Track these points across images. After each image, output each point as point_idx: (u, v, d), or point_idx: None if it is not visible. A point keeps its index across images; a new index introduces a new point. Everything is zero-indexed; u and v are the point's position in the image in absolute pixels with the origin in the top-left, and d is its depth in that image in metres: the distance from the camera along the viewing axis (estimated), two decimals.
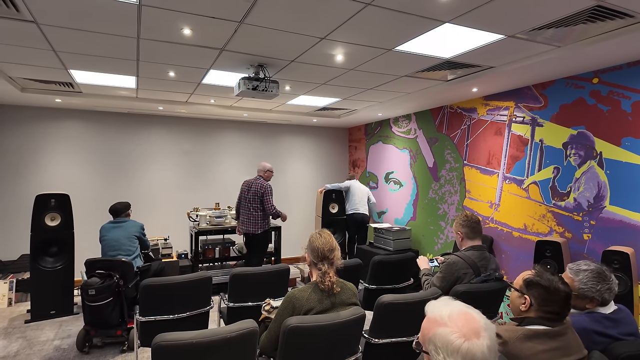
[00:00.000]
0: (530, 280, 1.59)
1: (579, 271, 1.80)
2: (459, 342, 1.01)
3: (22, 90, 4.39)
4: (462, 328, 1.03)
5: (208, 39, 2.86)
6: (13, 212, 5.16)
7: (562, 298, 1.52)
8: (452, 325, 1.04)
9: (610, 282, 1.76)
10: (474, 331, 1.02)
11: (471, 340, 1.01)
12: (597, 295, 1.73)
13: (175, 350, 1.64)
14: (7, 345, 3.58)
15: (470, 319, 1.06)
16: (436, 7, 2.32)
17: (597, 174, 3.51)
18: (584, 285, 1.75)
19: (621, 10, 2.37)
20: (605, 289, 1.73)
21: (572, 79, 3.72)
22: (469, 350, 0.99)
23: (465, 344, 1.00)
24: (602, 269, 1.79)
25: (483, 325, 1.05)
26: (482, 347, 1.00)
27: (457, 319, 1.05)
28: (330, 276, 1.97)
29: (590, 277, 1.75)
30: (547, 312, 1.54)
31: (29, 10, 2.39)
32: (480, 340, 1.01)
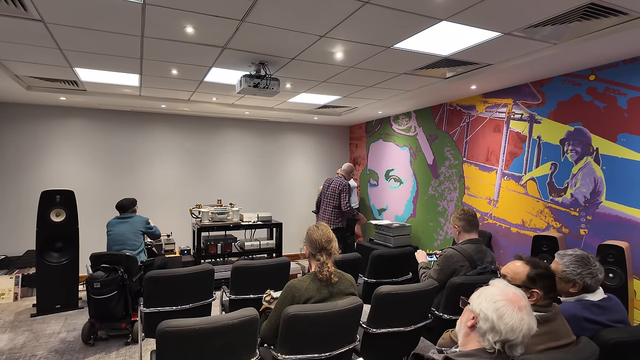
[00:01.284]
0: (537, 274, 1.62)
1: (564, 255, 1.88)
2: (499, 298, 1.17)
3: (27, 89, 4.47)
4: (510, 295, 1.19)
5: (210, 37, 2.93)
6: (19, 208, 5.25)
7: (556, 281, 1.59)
8: (504, 290, 1.21)
9: (593, 267, 1.81)
10: (518, 304, 1.16)
11: (511, 306, 1.15)
12: (578, 279, 1.79)
13: (179, 336, 1.71)
14: (14, 338, 3.66)
15: (520, 298, 1.20)
16: (433, 5, 2.37)
17: (594, 169, 3.56)
18: (567, 268, 1.82)
19: (615, 7, 2.42)
20: (587, 273, 1.79)
21: (569, 76, 3.76)
22: (502, 307, 1.14)
23: (504, 303, 1.15)
24: (587, 255, 1.85)
25: (528, 309, 1.19)
26: (515, 316, 1.13)
27: (510, 290, 1.22)
28: (329, 266, 2.04)
29: (572, 260, 1.82)
30: (548, 299, 1.59)
31: (36, 9, 2.45)
32: (518, 313, 1.14)
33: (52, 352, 3.38)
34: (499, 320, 1.13)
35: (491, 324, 1.14)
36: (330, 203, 5.09)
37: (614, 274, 3.05)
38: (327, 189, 5.15)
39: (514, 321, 1.12)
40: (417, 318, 2.41)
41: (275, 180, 6.99)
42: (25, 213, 5.18)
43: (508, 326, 1.12)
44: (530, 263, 1.66)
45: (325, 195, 5.15)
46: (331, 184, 5.14)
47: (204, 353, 1.79)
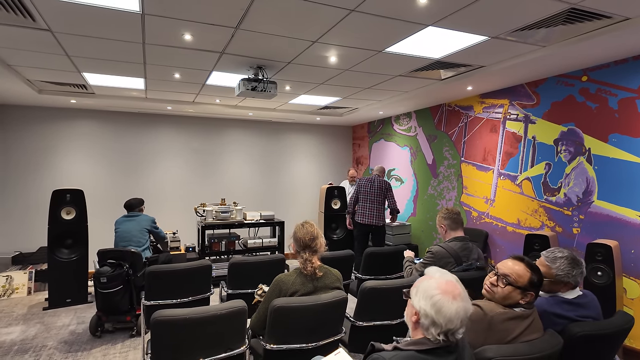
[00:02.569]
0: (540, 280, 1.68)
1: (555, 259, 1.90)
2: (435, 292, 1.25)
3: (39, 92, 4.68)
4: (444, 286, 1.27)
5: (208, 43, 3.07)
6: (32, 207, 5.47)
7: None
8: (438, 281, 1.30)
9: (582, 266, 1.89)
10: (452, 293, 1.25)
11: (446, 296, 1.24)
12: (572, 280, 1.86)
13: (171, 324, 1.84)
14: (26, 330, 3.86)
15: (455, 286, 1.29)
16: (416, 12, 2.47)
17: (586, 169, 3.61)
18: (562, 272, 1.86)
19: (596, 12, 2.49)
20: (579, 273, 1.87)
21: (563, 77, 3.81)
22: (439, 302, 1.23)
23: (439, 296, 1.24)
24: (575, 255, 1.92)
25: (464, 296, 1.28)
26: (451, 307, 1.22)
27: (443, 280, 1.30)
28: (312, 262, 2.15)
29: (566, 263, 1.87)
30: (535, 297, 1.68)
31: (43, 19, 2.62)
32: (454, 302, 1.23)
33: (61, 343, 3.56)
34: (437, 315, 1.21)
35: (431, 319, 1.22)
36: (377, 200, 5.17)
37: (602, 272, 3.10)
38: (369, 187, 5.19)
39: (451, 312, 1.20)
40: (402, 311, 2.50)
41: (278, 179, 7.12)
42: (37, 211, 5.41)
43: (447, 318, 1.20)
44: (531, 269, 1.69)
45: (369, 194, 5.17)
46: (374, 184, 5.21)
47: (195, 342, 1.92)
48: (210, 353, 1.96)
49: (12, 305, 4.59)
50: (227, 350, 2.01)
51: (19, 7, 2.41)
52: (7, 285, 4.88)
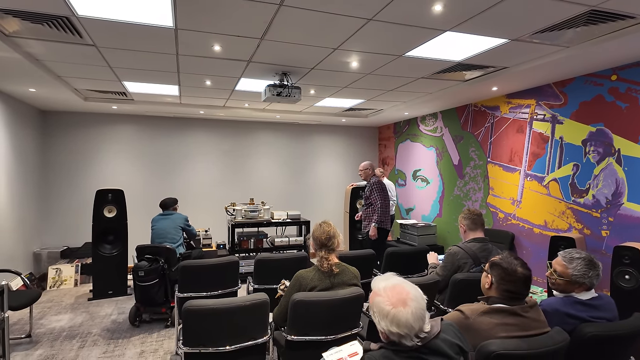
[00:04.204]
0: (493, 261, 1.81)
1: (572, 259, 1.93)
2: (387, 308, 1.27)
3: (85, 100, 5.08)
4: (392, 298, 1.29)
5: (236, 53, 3.26)
6: (78, 205, 5.93)
7: (519, 279, 1.72)
8: (384, 295, 1.30)
9: (599, 269, 1.90)
10: (402, 301, 1.28)
11: (397, 307, 1.27)
12: (587, 281, 1.88)
13: (200, 314, 2.03)
14: (74, 318, 4.22)
15: (400, 291, 1.30)
16: (432, 19, 2.54)
17: (615, 170, 3.53)
18: (577, 272, 1.88)
19: (618, 12, 2.46)
20: (595, 275, 1.88)
21: (591, 76, 3.73)
22: (395, 316, 1.26)
23: (392, 310, 1.27)
24: (591, 256, 1.94)
25: (412, 296, 1.30)
26: (407, 314, 1.25)
27: (389, 290, 1.31)
28: (329, 260, 2.28)
29: (583, 264, 1.89)
30: (504, 291, 1.74)
31: (89, 36, 2.90)
32: (406, 308, 1.26)
33: (104, 331, 3.88)
34: (399, 328, 1.24)
35: (397, 335, 1.25)
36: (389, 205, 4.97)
37: (629, 275, 3.04)
38: (386, 192, 4.92)
39: (408, 319, 1.24)
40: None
41: (305, 180, 7.30)
42: (83, 209, 5.85)
43: (408, 325, 1.24)
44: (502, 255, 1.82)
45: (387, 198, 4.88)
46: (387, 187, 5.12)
47: (222, 330, 2.10)
48: (236, 341, 2.13)
49: (61, 295, 5.01)
50: (251, 339, 2.18)
51: (69, 26, 2.69)
52: (57, 277, 5.32)
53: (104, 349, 3.48)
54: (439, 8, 2.36)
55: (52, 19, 2.56)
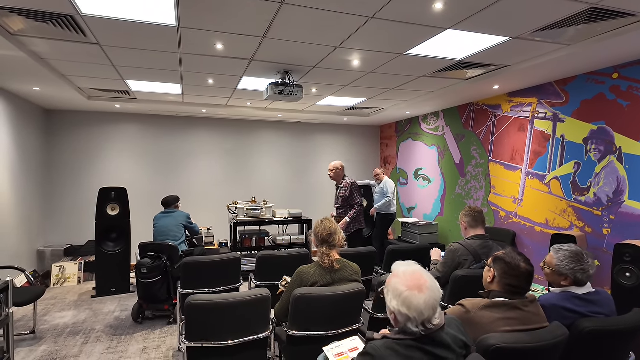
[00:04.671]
0: (497, 256, 1.83)
1: (559, 250, 1.99)
2: (402, 289, 1.33)
3: (88, 99, 5.11)
4: (409, 281, 1.34)
5: (238, 51, 3.28)
6: (82, 203, 5.96)
7: (521, 274, 1.74)
8: (402, 277, 1.36)
9: (585, 264, 1.91)
10: (418, 286, 1.32)
11: (412, 291, 1.31)
12: (570, 274, 1.90)
13: (203, 308, 2.05)
14: (77, 315, 4.25)
15: (419, 277, 1.36)
16: (433, 17, 2.56)
17: (617, 168, 3.53)
18: (560, 263, 1.93)
19: (618, 10, 2.47)
20: (579, 269, 1.90)
21: (593, 74, 3.74)
22: (407, 298, 1.30)
23: (406, 292, 1.31)
24: (582, 251, 1.96)
25: (429, 285, 1.34)
26: (419, 299, 1.30)
27: (408, 275, 1.37)
28: (330, 256, 2.30)
29: (567, 256, 1.93)
30: (506, 285, 1.76)
31: (93, 35, 2.92)
32: (420, 294, 1.31)
33: (107, 327, 3.91)
34: (409, 311, 1.28)
35: (405, 316, 1.29)
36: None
37: (630, 273, 3.04)
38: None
39: (420, 304, 1.27)
40: None
41: (307, 179, 7.32)
42: (87, 207, 5.88)
43: (418, 311, 1.27)
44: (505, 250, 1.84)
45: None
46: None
47: (224, 325, 2.12)
48: (237, 336, 2.16)
49: (64, 292, 5.05)
50: (253, 334, 2.20)
51: (73, 25, 2.72)
52: (61, 275, 5.36)
53: (107, 345, 3.51)
54: (440, 6, 2.38)
55: (57, 17, 2.59)
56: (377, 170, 6.09)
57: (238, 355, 2.21)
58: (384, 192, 5.76)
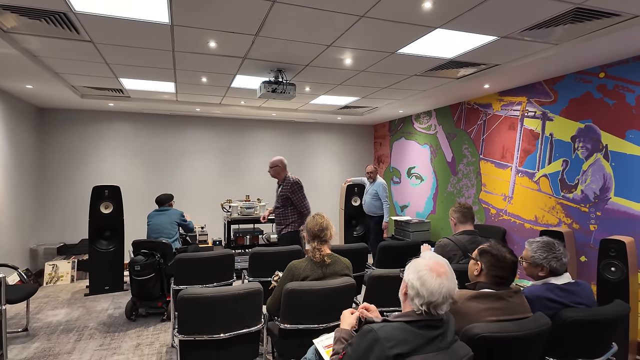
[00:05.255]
0: (483, 249, 1.88)
1: (532, 242, 2.08)
2: (424, 268, 1.42)
3: (82, 97, 5.11)
4: (432, 265, 1.43)
5: (231, 49, 3.31)
6: (75, 202, 5.95)
7: (507, 265, 1.80)
8: (428, 260, 1.46)
9: (557, 252, 1.98)
10: (439, 272, 1.41)
11: (432, 273, 1.40)
12: (545, 263, 1.97)
13: (195, 302, 2.08)
14: (70, 312, 4.25)
15: (443, 265, 1.45)
16: (423, 15, 2.60)
17: (603, 166, 3.60)
18: (534, 254, 2.01)
19: (603, 10, 2.53)
20: (552, 257, 1.97)
21: (580, 73, 3.81)
22: (425, 276, 1.39)
23: (426, 271, 1.40)
24: (553, 241, 2.03)
25: (449, 276, 1.43)
26: (435, 282, 1.38)
27: (434, 260, 1.47)
28: (321, 251, 2.34)
29: (539, 246, 2.01)
30: (494, 277, 1.81)
31: (86, 32, 2.94)
32: (438, 279, 1.39)
33: (100, 324, 3.92)
34: (421, 287, 1.37)
35: (416, 290, 1.38)
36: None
37: (615, 267, 3.11)
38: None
39: (433, 286, 1.36)
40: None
41: (301, 177, 7.28)
42: (80, 206, 5.87)
43: (429, 290, 1.36)
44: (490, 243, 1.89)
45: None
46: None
47: (216, 318, 2.15)
48: (230, 329, 2.19)
49: (57, 291, 5.04)
50: (245, 327, 2.23)
51: (66, 22, 2.73)
52: (53, 273, 5.35)
53: (101, 342, 3.52)
54: (429, 5, 2.42)
55: (50, 14, 2.60)
56: (370, 167, 5.87)
57: (230, 348, 2.24)
58: (378, 194, 5.66)
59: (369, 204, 5.78)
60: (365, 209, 5.87)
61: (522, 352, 1.67)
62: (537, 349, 1.73)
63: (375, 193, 5.70)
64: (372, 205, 5.74)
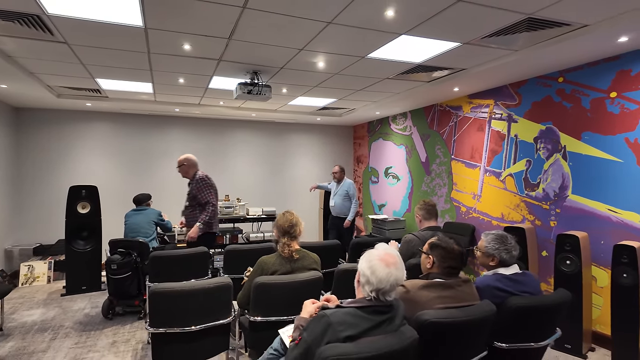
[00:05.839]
0: (433, 243, 2.02)
1: (487, 234, 2.24)
2: (374, 258, 1.56)
3: (58, 96, 5.09)
4: (383, 256, 1.57)
5: (206, 52, 3.39)
6: (51, 202, 5.91)
7: (456, 255, 1.95)
8: (381, 251, 1.59)
9: (508, 245, 2.15)
10: (388, 262, 1.54)
11: (381, 263, 1.53)
12: (496, 254, 2.13)
13: (166, 295, 2.16)
14: (46, 312, 4.25)
15: (391, 256, 1.58)
16: (387, 23, 2.74)
17: (562, 165, 3.82)
18: (488, 244, 2.17)
19: (554, 20, 2.72)
20: (503, 249, 2.13)
21: (542, 78, 4.02)
22: (375, 265, 1.53)
23: (377, 261, 1.54)
24: (506, 235, 2.19)
25: (398, 267, 1.57)
26: (384, 272, 1.52)
27: (386, 251, 1.60)
28: (290, 246, 2.45)
29: (492, 239, 2.17)
30: (445, 268, 1.96)
31: (60, 34, 2.98)
32: (386, 268, 1.53)
33: (77, 324, 3.94)
34: (372, 275, 1.51)
35: (366, 278, 1.52)
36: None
37: (570, 261, 3.31)
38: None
39: (382, 274, 1.49)
40: None
41: (281, 177, 7.44)
42: (56, 206, 5.83)
43: (378, 278, 1.49)
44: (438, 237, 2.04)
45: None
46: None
47: (187, 311, 2.24)
48: (201, 322, 2.27)
49: (33, 292, 5.01)
50: (215, 320, 2.32)
51: (39, 23, 2.77)
52: (29, 274, 5.31)
53: (76, 340, 3.55)
54: (391, 13, 2.56)
55: (23, 17, 2.64)
56: (336, 168, 5.82)
57: (201, 341, 2.33)
58: (348, 194, 5.67)
59: (340, 205, 5.72)
60: (335, 211, 5.78)
61: (468, 336, 1.81)
62: (482, 333, 1.88)
63: (346, 193, 5.70)
64: (344, 207, 5.71)
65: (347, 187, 5.72)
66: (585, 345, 3.29)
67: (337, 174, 5.81)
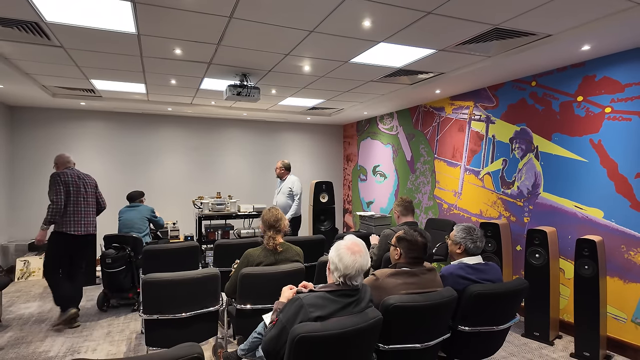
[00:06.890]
0: (399, 236, 2.23)
1: (459, 225, 2.47)
2: (341, 247, 1.76)
3: (53, 96, 5.23)
4: (350, 245, 1.77)
5: (196, 55, 3.56)
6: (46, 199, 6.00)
7: (420, 246, 2.16)
8: (348, 242, 1.79)
9: (474, 236, 2.36)
10: (354, 251, 1.74)
11: (348, 251, 1.73)
12: (462, 242, 2.36)
13: (158, 284, 2.35)
14: (43, 305, 4.41)
15: (357, 245, 1.78)
16: (365, 32, 2.94)
17: (534, 165, 4.04)
18: (457, 234, 2.40)
19: (519, 30, 2.92)
20: (469, 238, 2.35)
21: (517, 81, 4.24)
22: (341, 253, 1.73)
23: (344, 250, 1.74)
24: (473, 227, 2.41)
25: (363, 254, 1.77)
26: (350, 259, 1.71)
27: (353, 241, 1.80)
28: (275, 240, 2.65)
29: (461, 229, 2.40)
30: (411, 258, 2.16)
31: (57, 39, 3.14)
32: (351, 256, 1.72)
33: None
34: (339, 262, 1.71)
35: (335, 265, 1.73)
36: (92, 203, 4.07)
37: (539, 254, 3.54)
38: (83, 186, 4.08)
39: (348, 261, 1.69)
40: None
41: (273, 175, 7.58)
42: None
43: (344, 264, 1.69)
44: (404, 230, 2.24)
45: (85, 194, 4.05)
46: (86, 180, 4.15)
47: (177, 299, 2.42)
48: (190, 309, 2.46)
49: (29, 286, 5.16)
50: (204, 307, 2.51)
51: (36, 29, 2.93)
52: (25, 269, 5.45)
53: (72, 330, 3.72)
54: (368, 23, 2.76)
55: (22, 23, 2.80)
56: (278, 163, 5.44)
57: (190, 327, 2.51)
58: (291, 192, 5.34)
59: (284, 204, 5.27)
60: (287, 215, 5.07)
61: (430, 318, 2.02)
62: (443, 317, 2.09)
63: (290, 191, 5.32)
64: (287, 206, 5.28)
65: (290, 184, 5.32)
66: (552, 332, 3.53)
67: (277, 170, 5.43)
